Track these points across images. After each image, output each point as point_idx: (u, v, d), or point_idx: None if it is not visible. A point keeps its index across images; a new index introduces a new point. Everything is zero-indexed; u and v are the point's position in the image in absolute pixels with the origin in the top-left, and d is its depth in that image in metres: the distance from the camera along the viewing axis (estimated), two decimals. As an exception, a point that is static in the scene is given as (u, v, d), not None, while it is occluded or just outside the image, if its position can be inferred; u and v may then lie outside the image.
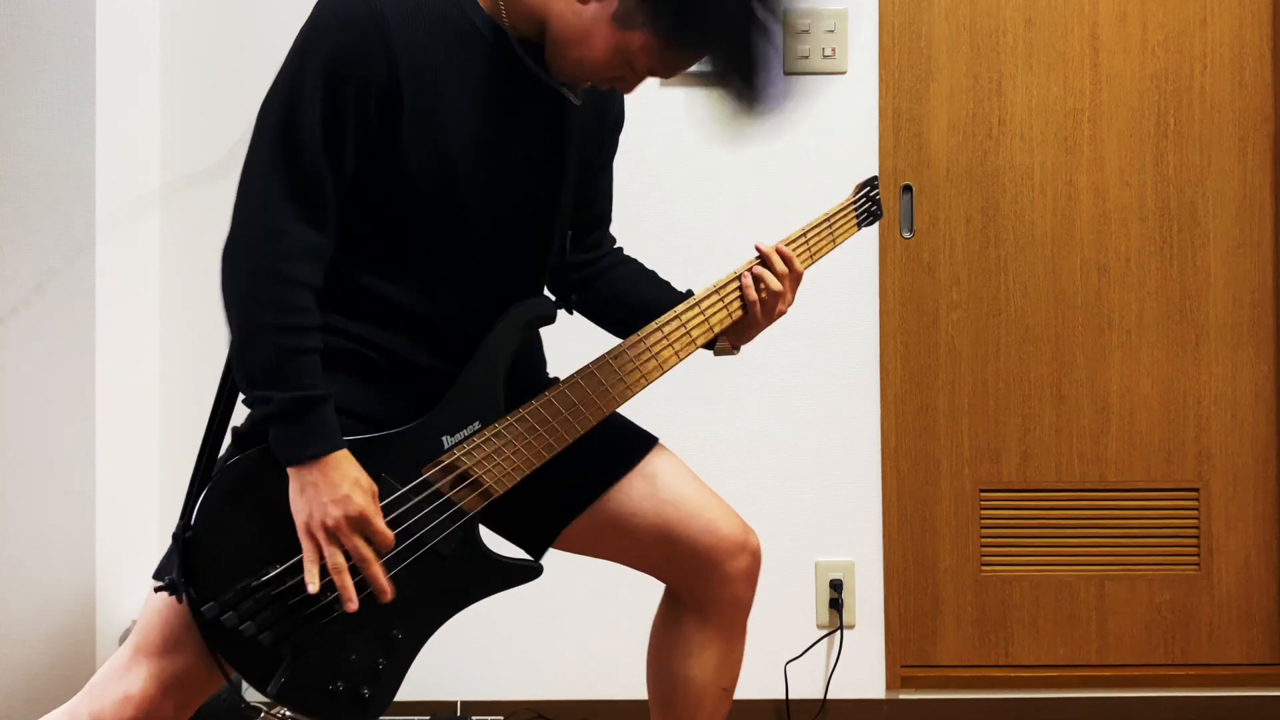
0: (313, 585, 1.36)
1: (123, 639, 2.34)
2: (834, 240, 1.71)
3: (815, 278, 2.70)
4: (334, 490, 1.35)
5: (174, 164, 2.67)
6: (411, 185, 1.43)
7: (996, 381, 2.75)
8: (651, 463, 1.62)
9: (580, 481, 1.59)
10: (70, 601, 2.38)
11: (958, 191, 2.76)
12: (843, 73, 2.72)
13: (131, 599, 2.46)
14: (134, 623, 1.52)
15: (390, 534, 1.40)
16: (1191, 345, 2.75)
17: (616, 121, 1.71)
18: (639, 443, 1.64)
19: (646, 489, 1.60)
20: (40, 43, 2.38)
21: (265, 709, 2.58)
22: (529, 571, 1.54)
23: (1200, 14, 2.76)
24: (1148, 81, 2.76)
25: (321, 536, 1.36)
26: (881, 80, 2.72)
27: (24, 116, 2.38)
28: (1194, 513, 2.75)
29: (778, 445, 2.71)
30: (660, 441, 1.66)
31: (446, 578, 1.48)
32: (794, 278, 1.63)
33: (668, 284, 1.72)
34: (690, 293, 1.67)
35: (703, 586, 1.62)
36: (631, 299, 1.69)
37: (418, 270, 1.48)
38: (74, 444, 2.37)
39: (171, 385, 2.66)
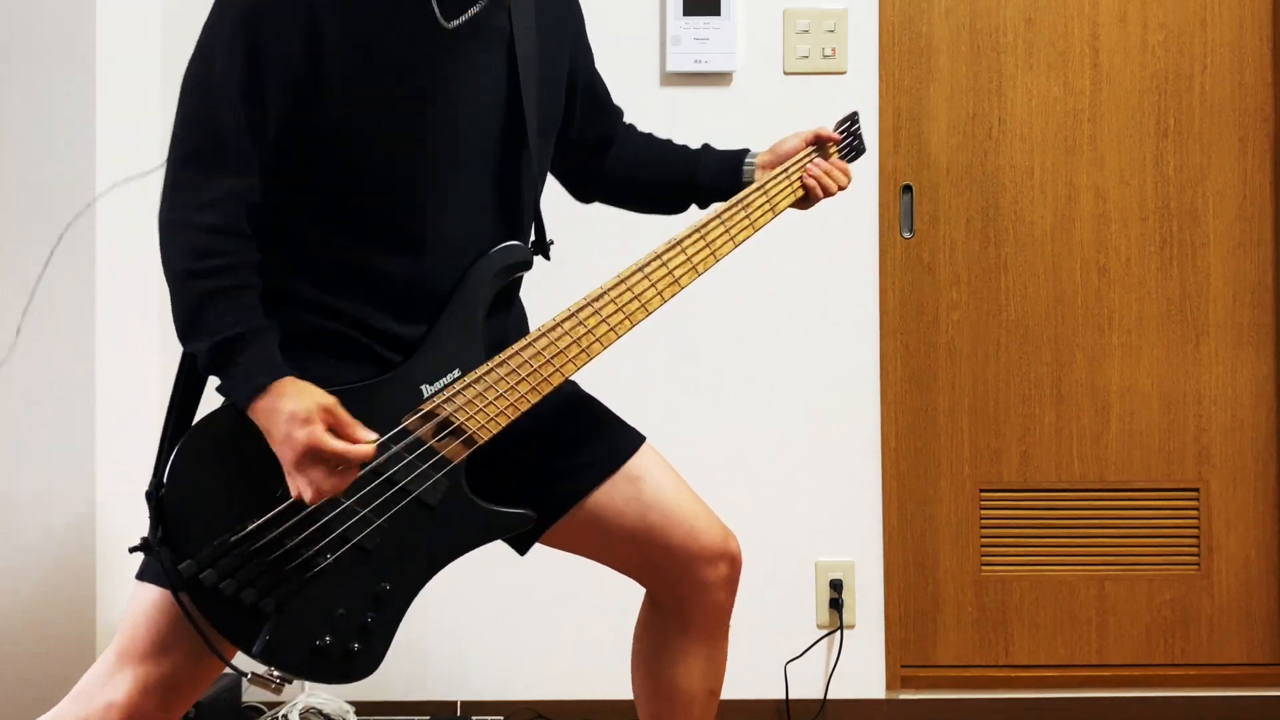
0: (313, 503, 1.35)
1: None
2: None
3: (816, 278, 2.71)
4: (279, 430, 1.33)
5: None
6: (353, 130, 1.42)
7: (996, 381, 2.75)
8: (637, 464, 1.60)
9: (566, 480, 1.58)
10: (70, 601, 2.38)
11: (958, 191, 2.76)
12: (843, 73, 2.71)
13: (131, 599, 2.46)
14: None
15: (356, 446, 1.35)
16: (1191, 345, 2.75)
17: (576, 14, 1.69)
18: (626, 442, 1.62)
19: (630, 492, 1.58)
20: (40, 43, 2.38)
21: (267, 709, 2.58)
22: (520, 519, 1.50)
23: (1200, 14, 2.76)
24: (1148, 81, 2.76)
25: (295, 475, 1.34)
26: (881, 80, 2.72)
27: (24, 116, 2.38)
28: (1194, 513, 2.75)
29: (778, 445, 2.71)
30: (648, 440, 1.64)
31: (435, 528, 1.45)
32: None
33: (686, 157, 1.75)
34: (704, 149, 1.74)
35: (682, 593, 1.60)
36: (659, 191, 1.77)
37: (390, 229, 1.46)
38: (74, 443, 2.37)
39: (172, 384, 2.66)
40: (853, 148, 1.76)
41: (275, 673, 1.40)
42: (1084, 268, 2.75)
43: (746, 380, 2.71)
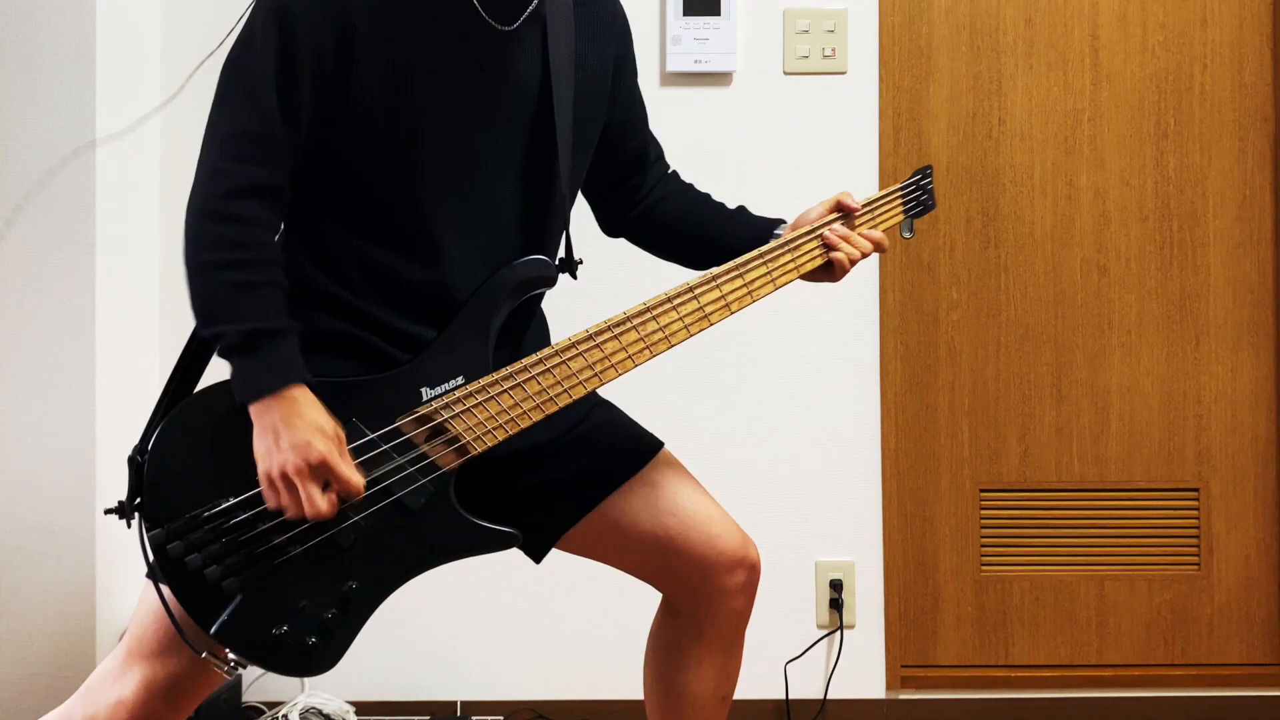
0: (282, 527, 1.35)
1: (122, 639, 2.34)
2: (875, 225, 1.63)
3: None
4: (294, 435, 1.32)
5: (174, 162, 2.67)
6: (379, 131, 1.42)
7: (996, 381, 2.75)
8: (655, 470, 1.59)
9: (583, 486, 1.57)
10: (70, 601, 2.38)
11: (958, 191, 2.76)
12: (843, 73, 2.71)
13: (132, 598, 2.46)
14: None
15: (358, 479, 1.35)
16: (1191, 345, 2.75)
17: (623, 32, 1.66)
18: (644, 448, 1.61)
19: (648, 497, 1.57)
20: (40, 42, 2.38)
21: (267, 709, 2.58)
22: (506, 539, 1.47)
23: (1200, 14, 2.76)
24: (1148, 81, 2.76)
25: (281, 485, 1.33)
26: (881, 80, 2.72)
27: (24, 115, 2.38)
28: (1194, 513, 2.75)
29: (778, 445, 2.71)
30: (666, 446, 1.64)
31: (413, 534, 1.43)
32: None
33: (720, 215, 1.68)
34: (762, 220, 1.66)
35: (699, 599, 1.60)
36: (686, 244, 1.69)
37: (408, 233, 1.46)
38: (74, 441, 2.37)
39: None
40: (920, 202, 1.68)
41: (230, 656, 1.39)
42: (1084, 268, 2.75)
43: (746, 380, 2.71)
